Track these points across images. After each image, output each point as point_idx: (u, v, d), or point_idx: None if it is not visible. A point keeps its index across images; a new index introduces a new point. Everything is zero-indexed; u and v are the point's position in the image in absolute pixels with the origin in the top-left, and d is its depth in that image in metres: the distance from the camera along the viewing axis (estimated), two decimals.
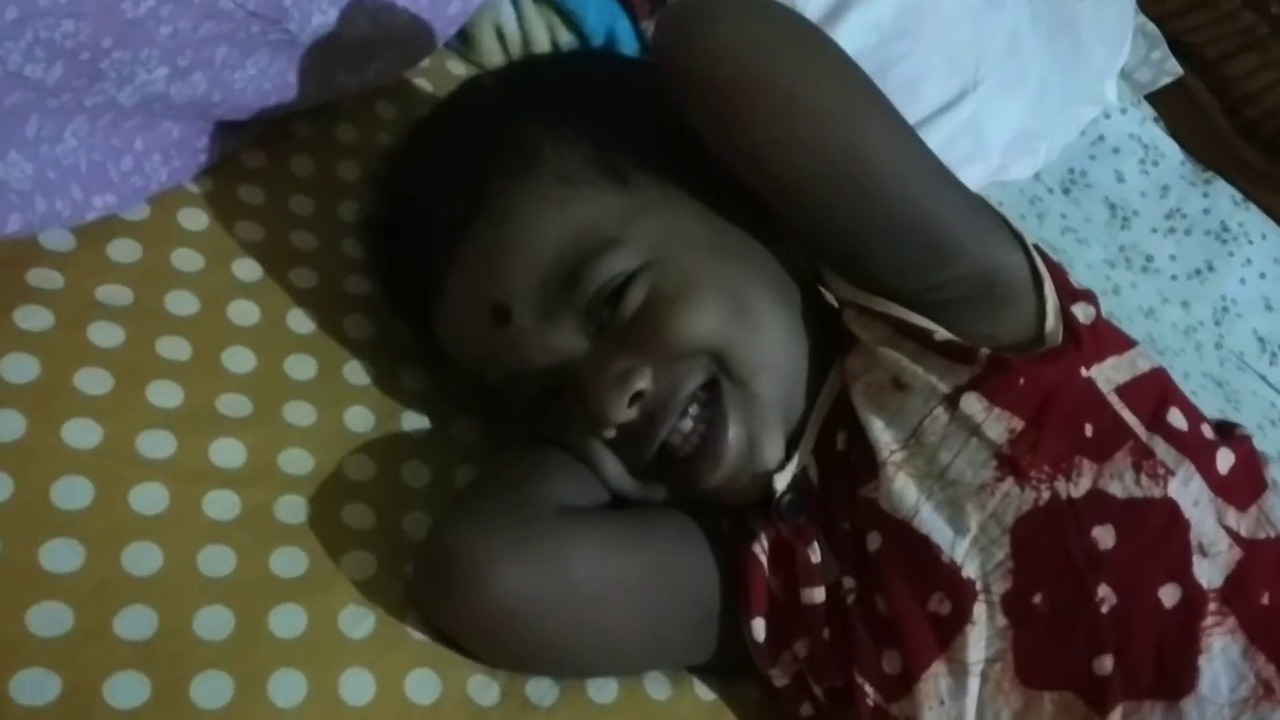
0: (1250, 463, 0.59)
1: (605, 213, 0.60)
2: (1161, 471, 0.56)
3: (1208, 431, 0.59)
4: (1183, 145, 1.43)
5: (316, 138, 0.79)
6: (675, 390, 0.59)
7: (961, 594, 0.56)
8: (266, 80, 0.71)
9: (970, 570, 0.56)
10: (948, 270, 0.57)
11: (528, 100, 0.66)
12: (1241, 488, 0.57)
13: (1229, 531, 0.56)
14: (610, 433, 0.60)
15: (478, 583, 0.55)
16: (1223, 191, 1.40)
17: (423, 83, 0.87)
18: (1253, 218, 1.39)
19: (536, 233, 0.60)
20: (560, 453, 0.62)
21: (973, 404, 0.56)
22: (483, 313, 0.61)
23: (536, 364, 0.61)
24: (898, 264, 0.58)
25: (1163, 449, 0.56)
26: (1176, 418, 0.58)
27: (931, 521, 0.57)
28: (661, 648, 0.62)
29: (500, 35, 0.92)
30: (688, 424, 0.60)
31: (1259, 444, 0.61)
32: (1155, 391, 0.58)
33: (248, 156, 0.75)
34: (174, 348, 0.63)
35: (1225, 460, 0.58)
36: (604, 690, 0.61)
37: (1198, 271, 1.33)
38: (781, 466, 0.61)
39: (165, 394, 0.61)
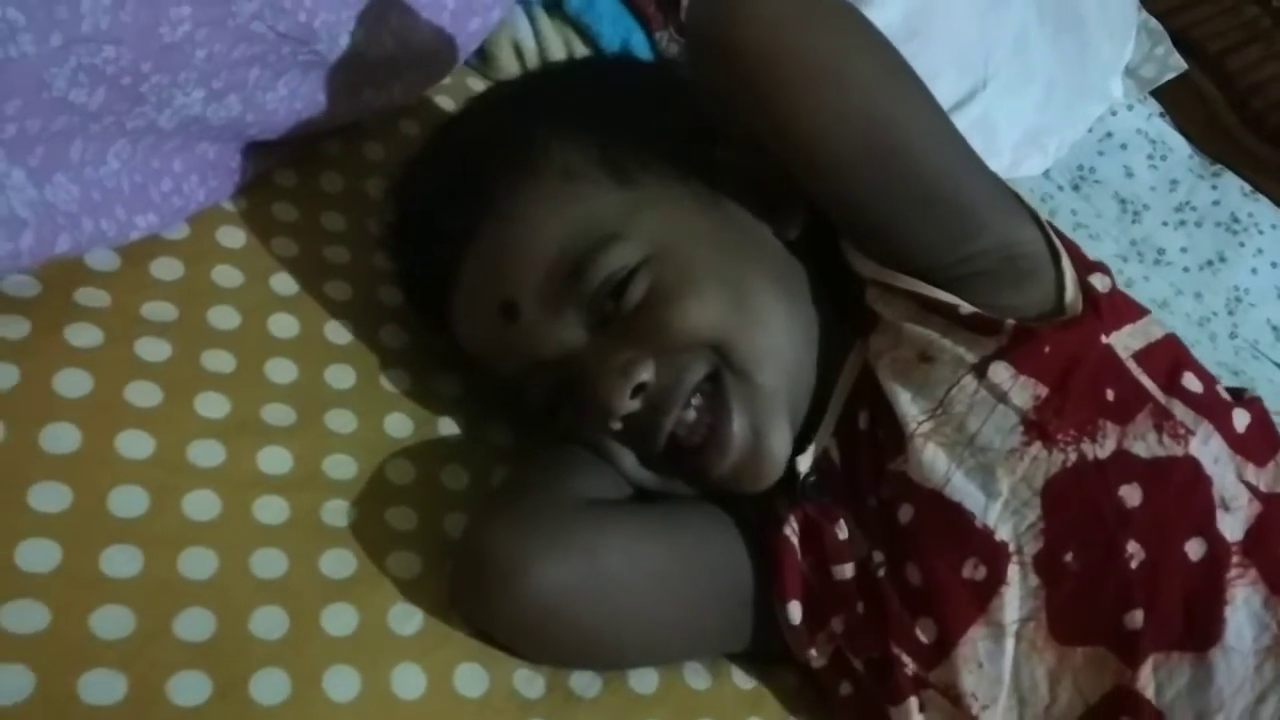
0: (1265, 422, 0.61)
1: (608, 208, 0.62)
2: (1182, 431, 0.57)
3: (1222, 393, 0.61)
4: (1190, 139, 1.44)
5: (345, 155, 0.81)
6: (678, 382, 0.61)
7: (996, 557, 0.58)
8: (297, 100, 0.73)
9: (1003, 533, 0.58)
10: (974, 243, 0.59)
11: (535, 102, 0.68)
12: (1258, 445, 0.59)
13: (1249, 486, 0.57)
14: (616, 424, 0.61)
15: (513, 581, 0.56)
16: (1231, 183, 1.41)
17: (445, 100, 0.89)
18: (1262, 208, 1.40)
19: (541, 230, 0.62)
20: (585, 451, 0.64)
21: (1000, 372, 0.58)
22: (493, 310, 0.63)
23: (545, 358, 0.62)
24: (927, 236, 0.59)
25: (1181, 410, 0.58)
26: (1191, 381, 0.60)
27: (963, 488, 0.58)
28: (698, 636, 0.64)
29: (518, 51, 0.94)
30: (692, 415, 0.61)
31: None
32: (1169, 356, 0.60)
33: (280, 175, 0.77)
34: (218, 361, 0.65)
35: (1241, 420, 0.60)
36: (645, 681, 0.62)
37: (1209, 263, 1.34)
38: (803, 449, 0.63)
39: (212, 405, 0.63)
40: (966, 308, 0.59)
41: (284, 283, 0.71)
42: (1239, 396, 0.63)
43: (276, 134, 0.74)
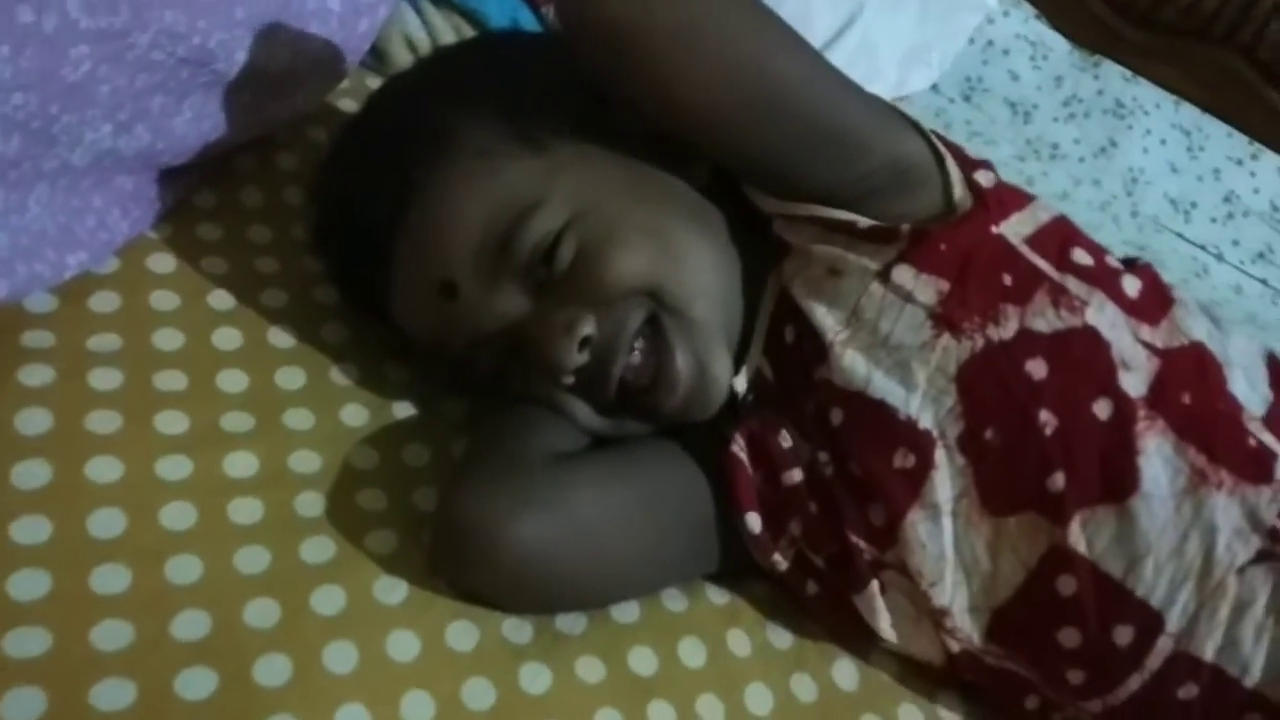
0: (1156, 285, 0.65)
1: (526, 178, 0.64)
2: (1077, 304, 0.61)
3: (1112, 263, 0.65)
4: (1067, 36, 1.49)
5: (260, 169, 0.83)
6: (619, 330, 0.63)
7: (922, 444, 0.62)
8: (204, 122, 0.75)
9: (926, 421, 0.61)
10: (862, 164, 0.62)
11: (437, 88, 0.70)
12: (1150, 306, 0.63)
13: (1145, 345, 0.61)
14: (569, 379, 0.64)
15: (490, 543, 0.58)
16: (1112, 71, 1.46)
17: (347, 102, 0.91)
18: (1144, 90, 1.46)
19: (466, 208, 0.64)
20: (537, 407, 0.66)
21: (903, 274, 0.62)
22: (432, 291, 0.65)
23: (490, 329, 0.64)
24: (816, 168, 0.63)
25: (1074, 284, 0.62)
26: (1081, 256, 0.64)
27: (884, 386, 0.62)
28: (671, 564, 0.67)
29: (410, 45, 0.96)
30: (637, 358, 0.64)
31: (1189, 295, 0.67)
32: (1058, 236, 0.64)
33: (199, 198, 0.79)
34: (171, 380, 0.67)
35: (1132, 285, 0.64)
36: (626, 612, 0.65)
37: (1102, 150, 1.39)
38: (737, 372, 0.66)
39: (172, 422, 0.65)
40: (864, 222, 0.62)
41: (220, 299, 0.73)
42: (1130, 264, 0.66)
43: (189, 157, 0.76)
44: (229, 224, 0.78)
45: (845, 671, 0.68)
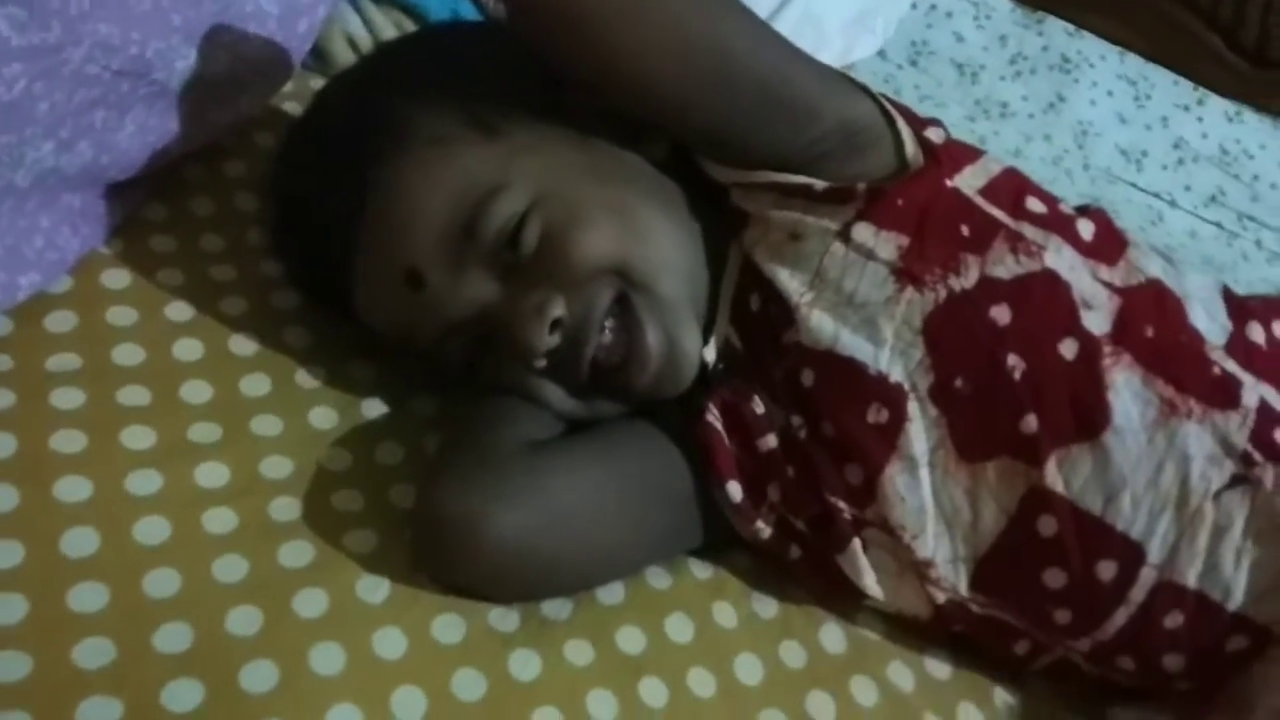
0: (1109, 227, 0.66)
1: (485, 163, 0.64)
2: (1035, 249, 0.62)
3: (1066, 210, 0.67)
4: None
5: (208, 178, 0.82)
6: (589, 310, 0.63)
7: (894, 398, 0.62)
8: (148, 134, 0.74)
9: (896, 375, 0.62)
10: (813, 129, 0.63)
11: (385, 81, 0.70)
12: (1106, 247, 0.64)
13: (1105, 284, 0.62)
14: (540, 362, 0.64)
15: (471, 537, 0.58)
16: (1055, 26, 1.47)
17: (292, 105, 0.90)
18: (1088, 44, 1.47)
19: (426, 197, 0.63)
20: (509, 397, 0.66)
21: (863, 232, 0.62)
22: (397, 283, 0.64)
23: (459, 316, 0.64)
24: (768, 135, 0.63)
25: (1030, 230, 0.63)
26: (1035, 204, 0.65)
27: (852, 343, 0.63)
28: (653, 543, 0.67)
29: (352, 44, 0.95)
30: (608, 337, 0.64)
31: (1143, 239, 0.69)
32: (1011, 187, 0.65)
33: (150, 210, 0.79)
34: (134, 395, 0.66)
35: (1086, 229, 0.65)
36: (611, 593, 0.65)
37: (1051, 105, 1.40)
38: (705, 343, 0.67)
39: (139, 437, 0.64)
40: (820, 184, 0.63)
41: (179, 310, 0.72)
42: (1083, 210, 0.68)
43: (135, 171, 0.75)
44: (181, 235, 0.78)
45: (832, 635, 0.68)
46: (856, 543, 0.64)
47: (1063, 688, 0.68)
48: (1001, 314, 0.61)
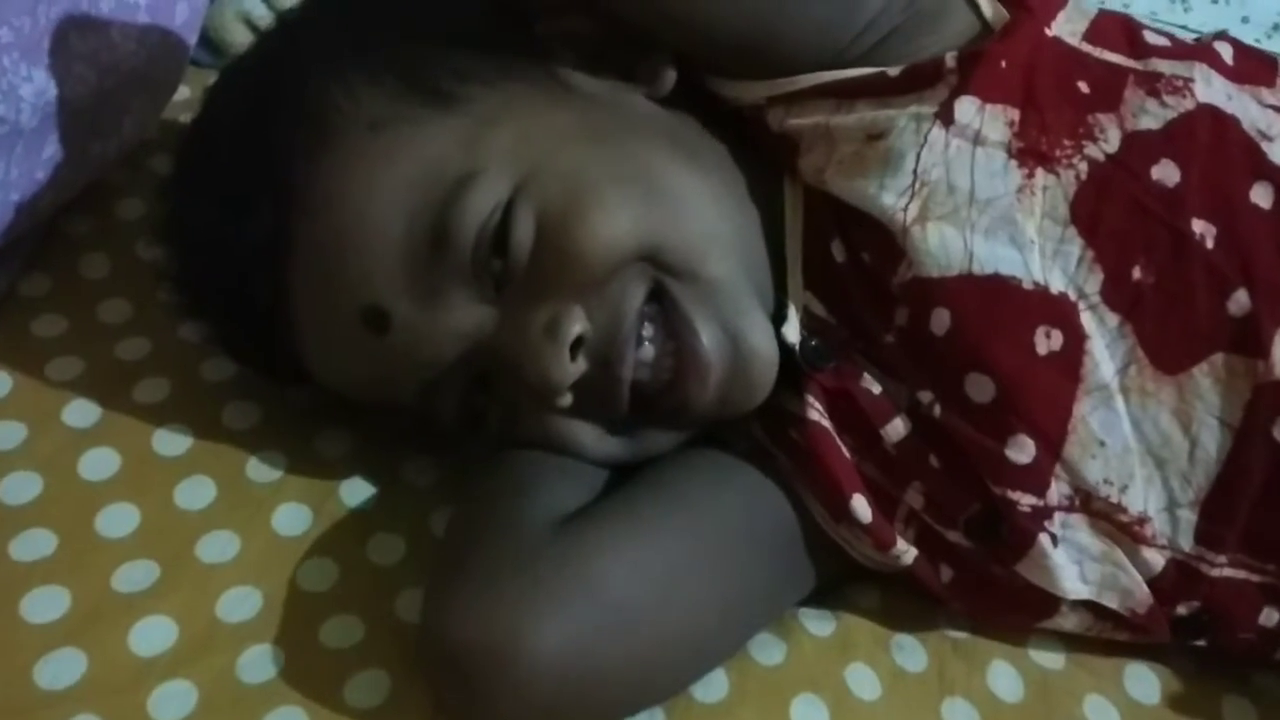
0: (1245, 49, 0.57)
1: (443, 144, 0.51)
2: (1179, 84, 0.53)
3: (1187, 39, 0.58)
4: None
5: (98, 229, 0.70)
6: (618, 317, 0.51)
7: (1063, 313, 0.52)
8: (11, 191, 0.61)
9: (1058, 283, 0.52)
10: (869, 5, 0.53)
11: (296, 56, 0.56)
12: (1256, 69, 0.56)
13: (1275, 109, 0.54)
14: (565, 400, 0.52)
15: (509, 662, 0.45)
16: None
17: (190, 118, 0.74)
18: None
19: (373, 204, 0.50)
20: (526, 454, 0.54)
21: (966, 109, 0.52)
22: (353, 329, 0.51)
23: (444, 360, 0.52)
24: (818, 18, 0.53)
25: (1166, 65, 0.54)
26: (1154, 37, 0.56)
27: (991, 255, 0.52)
28: (750, 609, 0.53)
29: (251, 26, 0.83)
30: (649, 350, 0.52)
31: None
32: (1118, 24, 0.56)
33: (28, 285, 0.66)
34: (32, 544, 0.53)
35: (1225, 52, 0.56)
36: (712, 687, 0.51)
37: None
38: (779, 326, 0.54)
39: (43, 605, 0.50)
40: (894, 69, 0.53)
41: (80, 412, 0.59)
42: (1211, 38, 0.59)
43: (2, 239, 0.62)
44: (72, 308, 0.65)
45: (1003, 677, 0.55)
46: (1044, 539, 0.52)
47: None
48: (1166, 173, 0.52)
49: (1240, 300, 0.50)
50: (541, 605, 0.45)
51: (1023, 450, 0.51)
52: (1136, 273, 0.51)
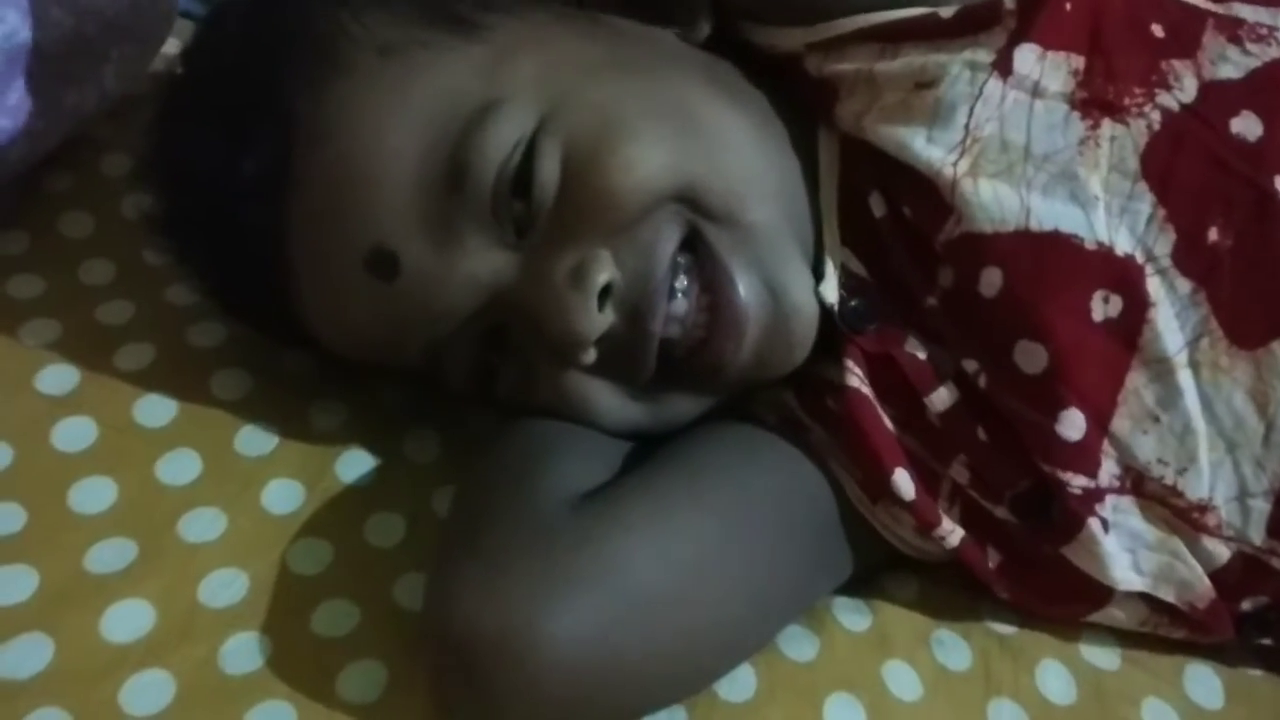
0: None
1: (461, 72, 0.48)
2: (1264, 30, 0.50)
3: None
4: None
5: (80, 186, 0.66)
6: (650, 264, 0.48)
7: (1127, 277, 0.48)
8: None
9: (1124, 244, 0.48)
10: None
11: None
12: None
13: None
14: (589, 355, 0.48)
15: (522, 653, 0.41)
16: None
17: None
18: None
19: (384, 135, 0.47)
20: (539, 426, 0.50)
21: (1026, 58, 0.49)
22: (357, 273, 0.47)
23: (457, 312, 0.48)
24: None
25: (1247, 11, 0.51)
26: None
27: (1050, 211, 0.48)
28: (782, 601, 0.50)
29: None
30: (681, 304, 0.48)
31: None
32: None
33: (2, 243, 0.62)
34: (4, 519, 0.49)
35: None
36: (738, 685, 0.47)
37: None
38: (818, 282, 0.51)
39: (9, 586, 0.47)
40: (947, 10, 0.50)
41: (55, 379, 0.55)
42: None
43: None
44: (52, 268, 0.61)
45: (1054, 677, 0.51)
46: (1094, 524, 0.48)
47: None
48: (1248, 125, 0.48)
49: None
50: (556, 590, 0.42)
51: (1073, 425, 0.48)
52: (1213, 234, 0.48)
